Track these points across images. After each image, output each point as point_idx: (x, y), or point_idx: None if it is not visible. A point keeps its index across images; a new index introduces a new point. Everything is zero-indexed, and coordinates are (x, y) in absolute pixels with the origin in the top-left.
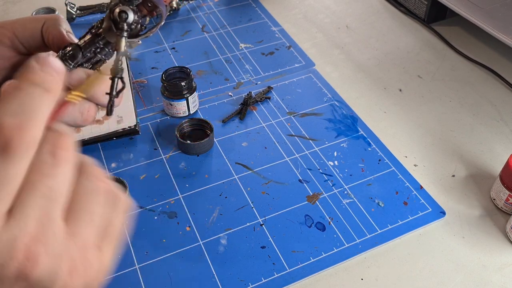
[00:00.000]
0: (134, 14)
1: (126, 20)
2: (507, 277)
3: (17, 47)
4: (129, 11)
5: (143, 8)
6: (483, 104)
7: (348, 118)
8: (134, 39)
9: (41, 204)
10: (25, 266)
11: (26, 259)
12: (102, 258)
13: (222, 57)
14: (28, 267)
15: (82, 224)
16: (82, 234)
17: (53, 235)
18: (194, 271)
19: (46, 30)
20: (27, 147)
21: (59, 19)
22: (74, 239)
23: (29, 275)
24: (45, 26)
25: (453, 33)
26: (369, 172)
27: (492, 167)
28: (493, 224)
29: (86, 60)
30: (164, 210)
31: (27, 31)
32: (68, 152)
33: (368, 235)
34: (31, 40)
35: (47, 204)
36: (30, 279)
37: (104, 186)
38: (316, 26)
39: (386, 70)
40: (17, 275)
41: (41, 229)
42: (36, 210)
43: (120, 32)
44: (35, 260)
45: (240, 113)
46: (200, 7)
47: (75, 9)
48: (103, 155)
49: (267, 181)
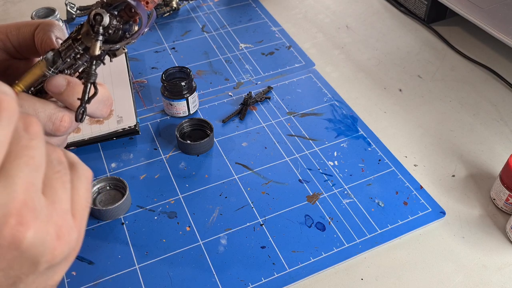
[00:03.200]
0: (112, 18)
1: (101, 23)
2: (507, 277)
3: (9, 50)
4: (104, 14)
5: (124, 14)
6: (483, 104)
7: (348, 118)
8: (115, 45)
9: (25, 171)
10: (18, 231)
11: (19, 224)
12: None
13: (222, 57)
14: (21, 232)
15: (58, 192)
16: (60, 201)
17: (38, 202)
18: (194, 271)
19: (37, 35)
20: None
21: (52, 24)
22: (54, 205)
23: (21, 241)
24: (37, 30)
25: (453, 33)
26: (369, 172)
27: (492, 167)
28: (493, 224)
29: (68, 67)
30: (164, 210)
31: (21, 35)
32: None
33: (368, 235)
34: (23, 44)
35: (30, 172)
36: (22, 245)
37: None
38: (316, 26)
39: (386, 70)
40: (10, 242)
41: (28, 195)
42: (22, 178)
43: (95, 36)
44: (27, 225)
45: (240, 113)
46: (200, 7)
47: (75, 9)
48: (103, 155)
49: (267, 181)
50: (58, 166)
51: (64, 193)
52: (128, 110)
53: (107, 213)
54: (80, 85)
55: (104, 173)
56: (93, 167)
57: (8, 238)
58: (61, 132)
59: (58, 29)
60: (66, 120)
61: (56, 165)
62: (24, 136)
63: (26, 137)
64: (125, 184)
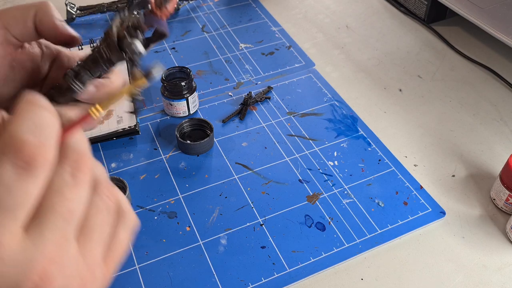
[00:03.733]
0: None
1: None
2: (507, 277)
3: (11, 41)
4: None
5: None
6: (483, 104)
7: (348, 118)
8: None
9: (60, 226)
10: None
11: (41, 280)
12: (106, 273)
13: (222, 57)
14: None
15: (93, 243)
16: (92, 253)
17: (68, 257)
18: (194, 271)
19: (40, 21)
20: (47, 165)
21: (49, 7)
22: (85, 257)
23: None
24: (38, 17)
25: (453, 33)
26: (369, 172)
27: (492, 167)
28: (493, 224)
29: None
30: (164, 210)
31: (19, 24)
32: (88, 174)
33: (368, 235)
34: (24, 32)
35: (65, 226)
36: None
37: (115, 203)
38: (316, 26)
39: (386, 70)
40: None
41: (58, 251)
42: (55, 233)
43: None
44: (50, 282)
45: (240, 113)
46: (200, 7)
47: (75, 9)
48: (103, 155)
49: (267, 181)
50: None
51: (99, 246)
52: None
53: None
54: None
55: None
56: None
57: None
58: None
59: (55, 10)
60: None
61: (101, 212)
62: (69, 183)
63: (71, 184)
64: (125, 184)
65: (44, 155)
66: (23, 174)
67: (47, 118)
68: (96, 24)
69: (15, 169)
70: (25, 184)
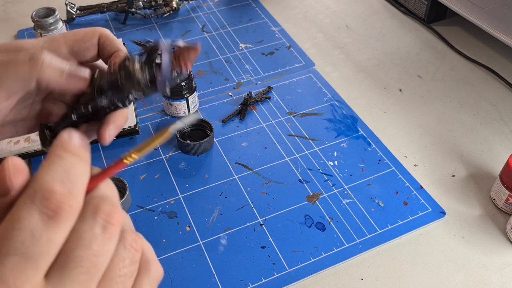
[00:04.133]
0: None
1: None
2: (507, 277)
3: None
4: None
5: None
6: (483, 104)
7: (348, 118)
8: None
9: (82, 280)
10: None
11: None
12: None
13: (222, 57)
14: None
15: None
16: None
17: None
18: (194, 271)
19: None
20: (73, 215)
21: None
22: None
23: None
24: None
25: (453, 33)
26: (369, 172)
27: (492, 167)
28: (493, 224)
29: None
30: (164, 210)
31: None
32: (119, 228)
33: (368, 235)
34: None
35: (88, 280)
36: None
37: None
38: (316, 26)
39: (386, 70)
40: None
41: None
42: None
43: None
44: None
45: (240, 113)
46: (200, 7)
47: (75, 9)
48: (103, 155)
49: (267, 181)
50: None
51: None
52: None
53: None
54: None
55: None
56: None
57: None
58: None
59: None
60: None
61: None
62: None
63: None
64: (125, 184)
65: (72, 205)
66: (49, 223)
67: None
68: (96, 24)
69: (41, 217)
70: (51, 233)
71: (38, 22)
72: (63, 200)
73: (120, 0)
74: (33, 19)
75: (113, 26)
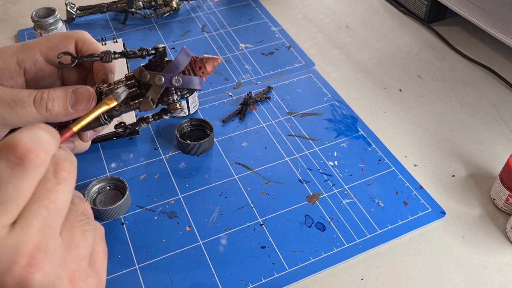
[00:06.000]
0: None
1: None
2: (507, 277)
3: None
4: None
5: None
6: (483, 104)
7: (348, 118)
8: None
9: (43, 214)
10: (27, 272)
11: (29, 265)
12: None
13: (222, 57)
14: (30, 273)
15: (76, 238)
16: (77, 247)
17: (53, 244)
18: (194, 271)
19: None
20: (40, 165)
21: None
22: (70, 250)
23: (30, 281)
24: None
25: (453, 33)
26: (369, 172)
27: (492, 167)
28: (493, 224)
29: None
30: (164, 210)
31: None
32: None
33: (368, 235)
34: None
35: (49, 215)
36: (30, 286)
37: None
38: (316, 26)
39: (386, 70)
40: (18, 281)
41: (43, 237)
42: (39, 220)
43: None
44: (37, 266)
45: (240, 113)
46: (200, 7)
47: (75, 9)
48: (103, 155)
49: (267, 181)
50: (81, 216)
51: (82, 241)
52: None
53: (107, 213)
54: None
55: (104, 173)
56: (93, 167)
57: (16, 277)
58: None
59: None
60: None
61: (80, 214)
62: (51, 180)
63: (53, 181)
64: (125, 184)
65: (37, 154)
66: (15, 169)
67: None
68: (96, 24)
69: (8, 164)
70: (18, 180)
71: (38, 22)
72: (30, 149)
73: (120, 0)
74: (33, 19)
75: (113, 26)
